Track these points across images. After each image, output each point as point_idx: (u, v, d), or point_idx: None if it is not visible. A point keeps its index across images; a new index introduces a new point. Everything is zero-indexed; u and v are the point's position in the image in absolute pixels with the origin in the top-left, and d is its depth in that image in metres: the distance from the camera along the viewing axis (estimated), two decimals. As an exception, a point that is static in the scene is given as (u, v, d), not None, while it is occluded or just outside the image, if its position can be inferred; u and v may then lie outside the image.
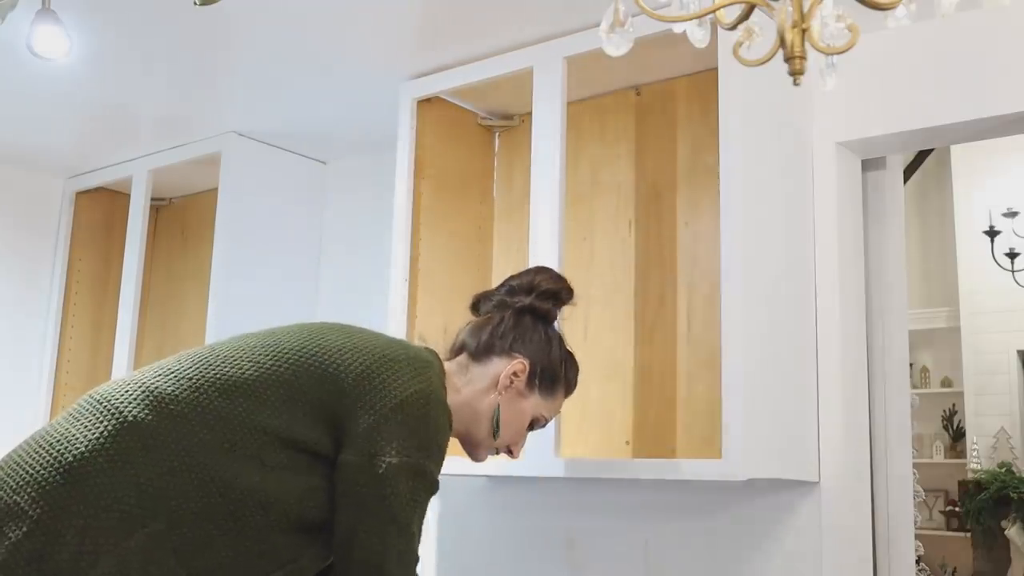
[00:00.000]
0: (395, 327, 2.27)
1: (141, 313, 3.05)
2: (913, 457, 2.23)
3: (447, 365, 1.60)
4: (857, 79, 2.00)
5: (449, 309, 2.32)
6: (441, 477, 1.54)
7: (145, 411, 1.32)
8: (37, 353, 3.29)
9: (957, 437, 6.65)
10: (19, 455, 1.33)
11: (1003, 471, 6.15)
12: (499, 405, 1.61)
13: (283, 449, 1.36)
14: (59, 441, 1.30)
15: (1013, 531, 5.98)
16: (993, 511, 6.02)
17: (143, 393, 1.35)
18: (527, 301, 1.67)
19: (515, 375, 1.61)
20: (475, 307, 1.73)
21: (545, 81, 2.13)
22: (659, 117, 2.28)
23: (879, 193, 2.21)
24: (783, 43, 1.03)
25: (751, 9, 1.08)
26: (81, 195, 3.34)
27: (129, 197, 3.10)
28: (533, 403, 1.64)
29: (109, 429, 1.30)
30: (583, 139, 2.35)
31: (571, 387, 1.70)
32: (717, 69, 1.89)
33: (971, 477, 6.31)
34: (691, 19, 1.11)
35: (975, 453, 6.40)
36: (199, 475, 1.30)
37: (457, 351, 1.66)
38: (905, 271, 2.23)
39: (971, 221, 6.44)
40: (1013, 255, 6.19)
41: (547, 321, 1.68)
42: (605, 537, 2.26)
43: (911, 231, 5.98)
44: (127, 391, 1.35)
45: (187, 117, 2.78)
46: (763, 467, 1.81)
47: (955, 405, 6.67)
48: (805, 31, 1.02)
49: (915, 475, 2.31)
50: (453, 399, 1.55)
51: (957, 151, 6.27)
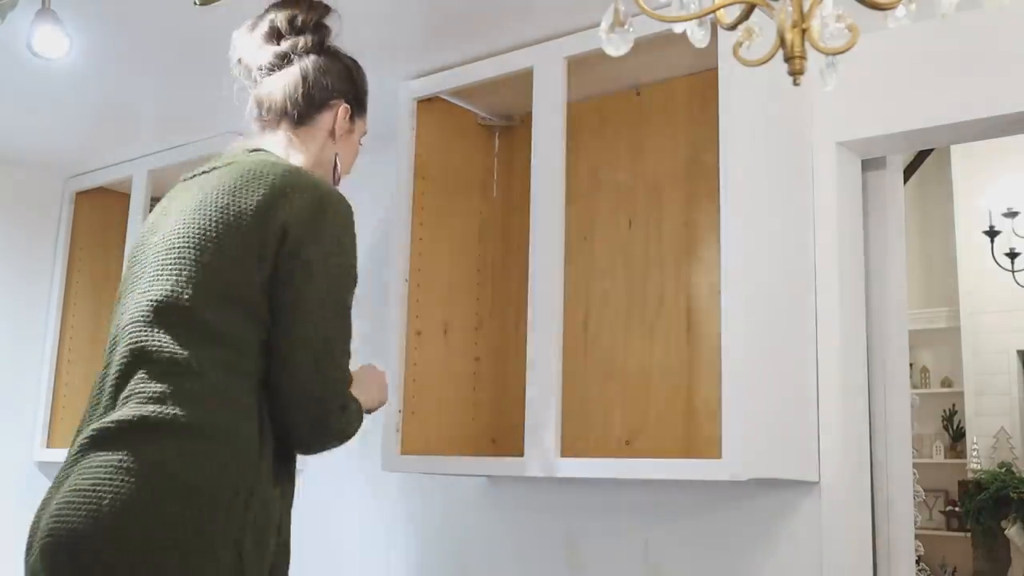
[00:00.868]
0: (394, 326, 2.27)
1: (141, 313, 3.05)
2: (913, 457, 2.23)
3: (276, 137, 1.68)
4: (857, 79, 1.99)
5: (449, 309, 2.32)
6: (441, 477, 1.56)
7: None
8: (37, 353, 3.29)
9: (957, 437, 6.65)
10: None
11: (1003, 471, 6.15)
12: (337, 153, 1.71)
13: None
14: None
15: (1013, 531, 5.98)
16: (993, 511, 6.02)
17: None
18: (309, 42, 1.69)
19: (343, 121, 1.70)
20: (248, 73, 1.73)
21: (545, 81, 2.13)
22: (659, 117, 2.28)
23: (879, 193, 2.21)
24: (783, 43, 1.03)
25: (751, 9, 1.08)
26: (81, 195, 3.33)
27: (129, 197, 3.10)
28: (359, 129, 1.76)
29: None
30: (583, 139, 2.35)
31: (367, 88, 1.78)
32: (717, 69, 1.89)
33: (971, 477, 6.31)
34: (691, 19, 1.11)
35: (975, 453, 6.40)
36: None
37: (275, 121, 1.69)
38: (905, 271, 2.23)
39: (971, 221, 6.44)
40: (1013, 255, 6.20)
41: (325, 46, 1.72)
42: (605, 537, 2.26)
43: (911, 231, 5.97)
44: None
45: (187, 117, 2.77)
46: (763, 467, 1.81)
47: (955, 405, 6.67)
48: (805, 31, 1.02)
49: (915, 475, 2.31)
50: (303, 161, 1.66)
51: (957, 151, 6.28)
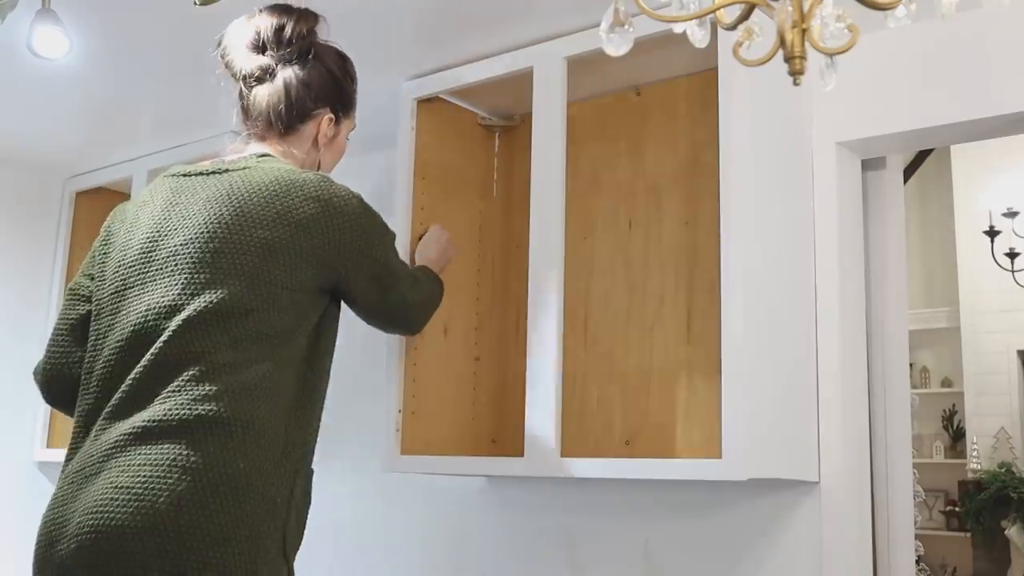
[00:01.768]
0: (395, 327, 2.27)
1: (141, 313, 3.05)
2: (913, 457, 2.23)
3: (270, 145, 1.73)
4: (857, 79, 1.99)
5: (449, 309, 2.32)
6: (441, 477, 1.60)
7: None
8: (37, 353, 3.27)
9: (957, 437, 6.66)
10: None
11: (1003, 471, 6.16)
12: (321, 158, 1.79)
13: None
14: None
15: (1013, 531, 5.99)
16: (993, 511, 6.03)
17: None
18: (294, 54, 1.72)
19: (327, 129, 1.79)
20: (233, 75, 1.77)
21: (545, 81, 2.13)
22: (659, 117, 2.28)
23: (879, 193, 2.21)
24: (783, 43, 1.03)
25: (751, 9, 1.08)
26: (81, 195, 3.33)
27: (129, 197, 3.10)
28: (345, 129, 1.83)
29: None
30: (583, 139, 2.35)
31: (356, 84, 1.84)
32: (717, 69, 1.89)
33: (971, 477, 6.32)
34: (691, 19, 1.11)
35: (975, 453, 6.41)
36: None
37: (263, 130, 1.74)
38: (905, 271, 2.23)
39: (971, 221, 6.45)
40: (1013, 255, 6.20)
41: (311, 54, 1.74)
42: (605, 537, 2.26)
43: (911, 231, 5.98)
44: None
45: (187, 117, 2.77)
46: (763, 467, 1.81)
47: (955, 405, 6.68)
48: (805, 31, 1.02)
49: (915, 475, 2.31)
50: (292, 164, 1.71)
51: (957, 151, 6.28)
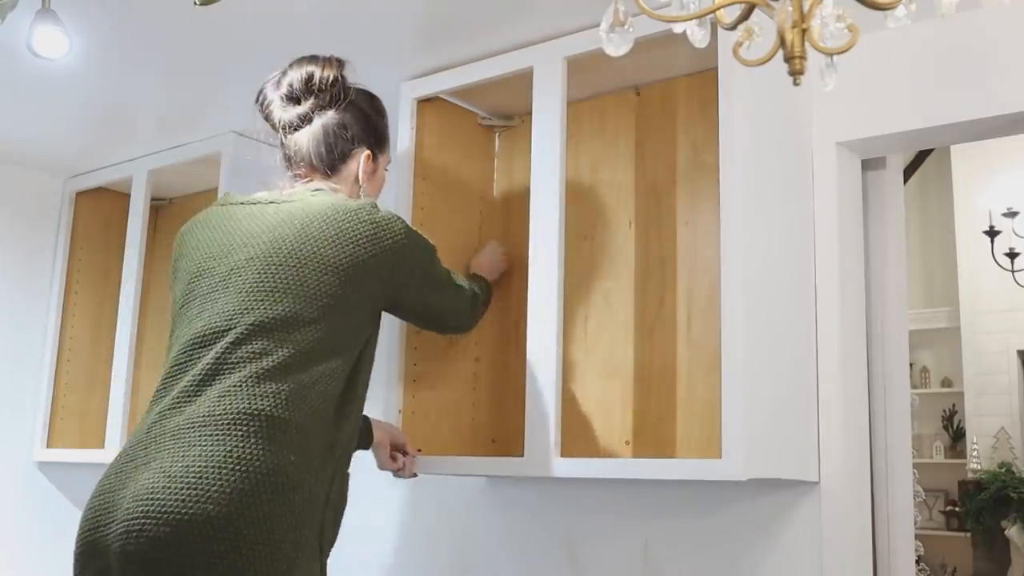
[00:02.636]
0: (394, 326, 2.27)
1: (141, 313, 3.05)
2: (913, 457, 2.23)
3: (318, 183, 1.87)
4: (857, 79, 2.00)
5: (449, 309, 2.32)
6: (441, 477, 1.62)
7: None
8: (37, 353, 3.29)
9: (957, 437, 6.66)
10: None
11: (1003, 471, 6.16)
12: (365, 193, 1.90)
13: None
14: None
15: (1013, 531, 5.99)
16: (993, 511, 6.04)
17: None
18: (327, 99, 1.88)
19: (366, 167, 1.91)
20: (274, 126, 1.91)
21: (545, 81, 2.13)
22: (659, 117, 2.28)
23: (879, 193, 2.21)
24: (783, 43, 1.03)
25: (751, 9, 1.08)
26: (81, 195, 3.33)
27: (129, 197, 3.10)
28: (383, 163, 1.98)
29: None
30: (583, 139, 2.35)
31: (387, 119, 2.00)
32: (717, 69, 1.89)
33: (971, 477, 6.32)
34: (691, 19, 1.11)
35: (975, 453, 6.41)
36: None
37: (306, 172, 1.89)
38: (905, 271, 2.23)
39: (971, 221, 6.45)
40: (1013, 255, 6.20)
41: (346, 98, 1.89)
42: (605, 537, 2.26)
43: (911, 231, 5.98)
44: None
45: (187, 117, 2.77)
46: (763, 467, 1.81)
47: (955, 405, 6.68)
48: (805, 31, 1.02)
49: (915, 475, 2.31)
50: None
51: (957, 151, 6.29)
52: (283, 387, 1.55)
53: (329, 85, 1.87)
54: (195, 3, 1.86)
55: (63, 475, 3.24)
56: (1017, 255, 6.20)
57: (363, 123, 1.91)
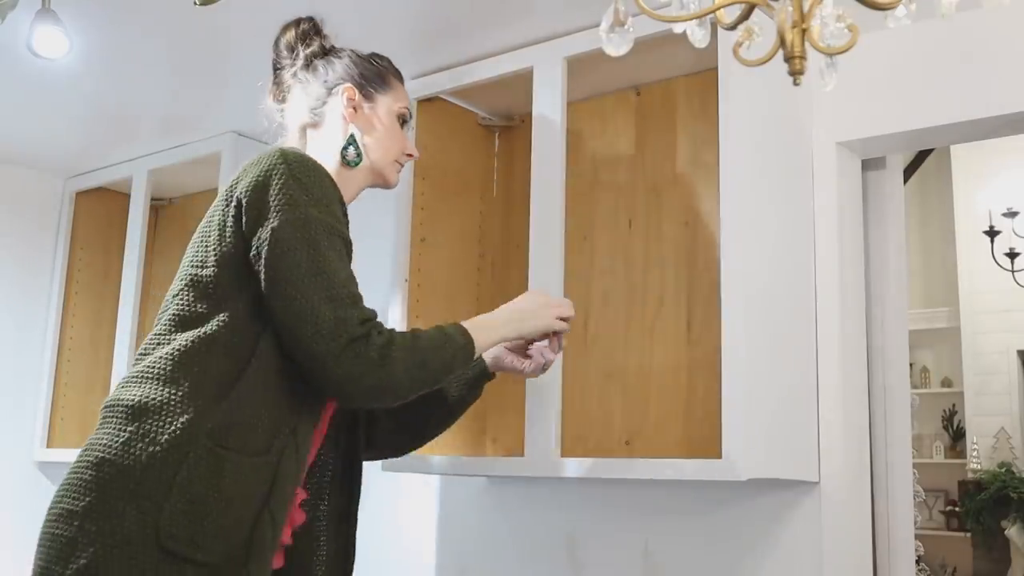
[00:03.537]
0: (394, 326, 2.27)
1: (141, 313, 3.05)
2: (913, 457, 2.23)
3: (304, 144, 1.70)
4: (857, 79, 2.00)
5: (449, 309, 2.32)
6: (441, 477, 1.56)
7: None
8: (38, 353, 3.29)
9: (957, 437, 6.65)
10: None
11: (1003, 471, 6.15)
12: (354, 131, 1.68)
13: None
14: None
15: (1013, 531, 5.99)
16: (993, 511, 6.03)
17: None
18: (305, 52, 1.74)
19: (350, 99, 1.69)
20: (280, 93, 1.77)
21: (545, 81, 2.13)
22: (659, 117, 2.28)
23: (879, 193, 2.21)
24: (783, 43, 1.03)
25: (751, 9, 1.08)
26: (81, 195, 3.34)
27: (129, 197, 3.10)
28: (383, 107, 1.72)
29: None
30: (583, 139, 2.35)
31: (396, 69, 1.79)
32: (717, 69, 1.89)
33: (971, 477, 6.32)
34: (691, 19, 1.11)
35: (975, 453, 6.41)
36: None
37: (301, 131, 1.72)
38: (905, 271, 2.23)
39: (971, 221, 6.45)
40: (1013, 255, 6.20)
41: (331, 50, 1.75)
42: (605, 537, 2.26)
43: (911, 231, 5.97)
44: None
45: (187, 117, 2.78)
46: (763, 467, 1.81)
47: (955, 405, 6.68)
48: (805, 31, 1.02)
49: (915, 475, 2.31)
50: (329, 159, 1.65)
51: (957, 151, 6.28)
52: None
53: (302, 38, 1.74)
54: (195, 3, 1.86)
55: (63, 475, 3.24)
56: (1017, 255, 6.19)
57: (345, 65, 1.72)
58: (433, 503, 2.59)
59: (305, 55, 1.74)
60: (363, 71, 1.73)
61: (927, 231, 6.87)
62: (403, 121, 1.76)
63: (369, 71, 1.74)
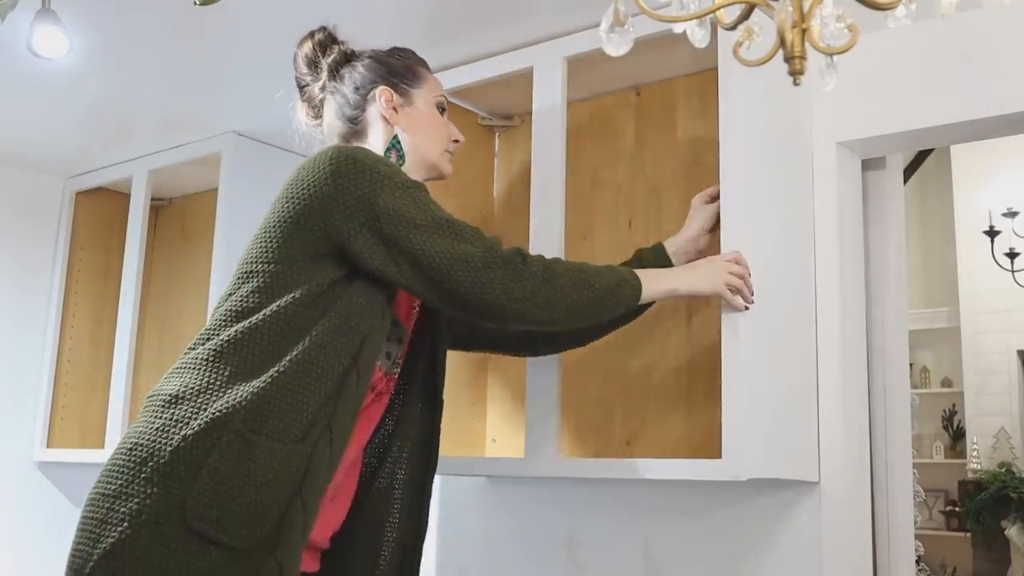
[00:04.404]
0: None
1: (141, 313, 3.05)
2: (913, 457, 2.23)
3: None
4: (857, 79, 2.00)
5: (449, 309, 2.32)
6: (441, 477, 1.55)
7: None
8: (38, 353, 3.29)
9: (957, 437, 6.66)
10: None
11: (1003, 471, 6.16)
12: (397, 132, 1.70)
13: None
14: None
15: (1013, 531, 5.99)
16: (993, 511, 6.04)
17: None
18: (328, 63, 1.75)
19: (387, 101, 1.71)
20: (313, 109, 1.79)
21: (545, 81, 2.13)
22: (659, 117, 2.28)
23: (879, 193, 2.21)
24: (783, 43, 1.03)
25: (751, 9, 1.08)
26: (81, 195, 3.34)
27: (129, 197, 3.10)
28: (421, 100, 1.74)
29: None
30: (583, 139, 2.35)
31: (421, 59, 1.80)
32: (717, 69, 1.89)
33: (971, 477, 6.32)
34: (691, 19, 1.11)
35: (975, 453, 6.41)
36: None
37: (344, 138, 1.74)
38: (905, 271, 2.23)
39: (971, 221, 6.45)
40: (1013, 255, 6.20)
41: (352, 55, 1.77)
42: (605, 537, 2.26)
43: (911, 231, 5.98)
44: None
45: (187, 117, 2.78)
46: (763, 467, 1.81)
47: (955, 405, 6.68)
48: (805, 31, 1.02)
49: (915, 475, 2.31)
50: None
51: (957, 151, 6.29)
52: None
53: (320, 48, 1.76)
54: (195, 3, 1.86)
55: (63, 475, 3.24)
56: (1017, 255, 6.20)
57: (371, 67, 1.74)
58: (433, 503, 2.58)
59: (328, 66, 1.75)
60: (391, 69, 1.74)
61: (927, 231, 6.88)
62: (442, 109, 1.78)
63: (397, 67, 1.75)
